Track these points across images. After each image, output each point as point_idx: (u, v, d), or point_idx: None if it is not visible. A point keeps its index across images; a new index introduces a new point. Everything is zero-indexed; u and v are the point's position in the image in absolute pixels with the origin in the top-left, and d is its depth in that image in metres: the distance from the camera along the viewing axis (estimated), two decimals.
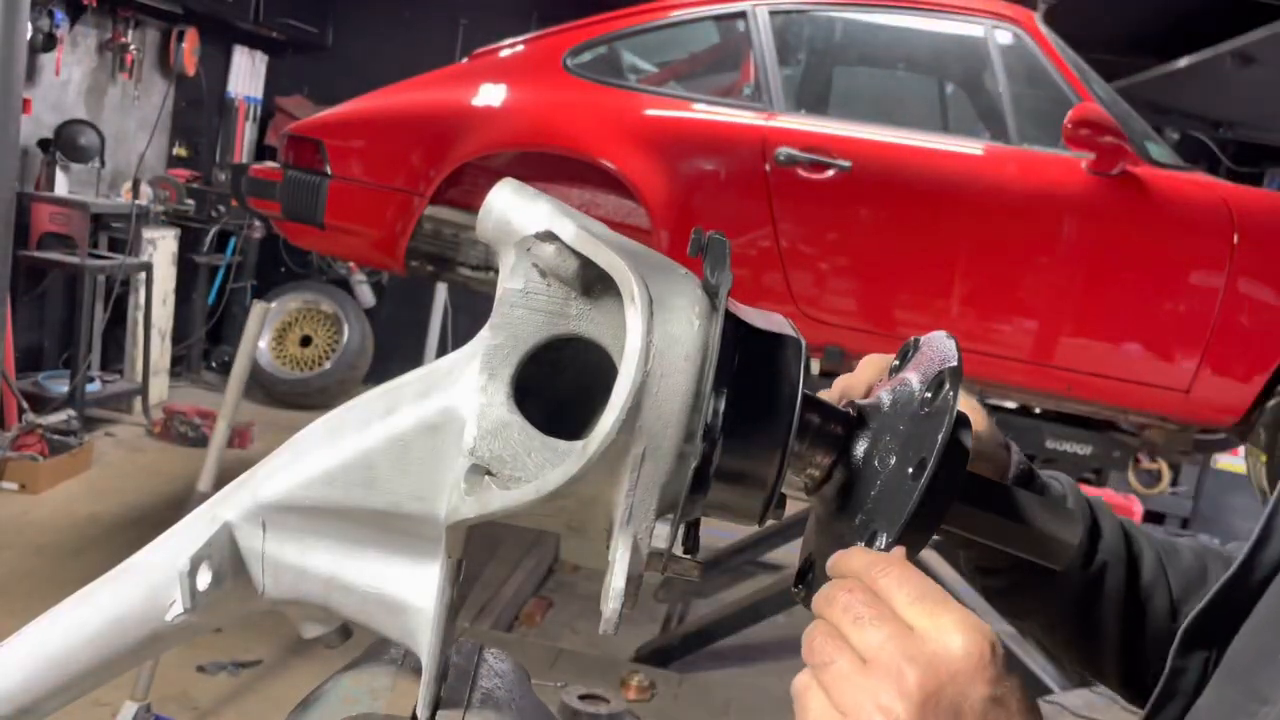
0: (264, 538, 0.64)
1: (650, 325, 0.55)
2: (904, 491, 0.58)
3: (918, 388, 0.64)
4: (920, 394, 0.63)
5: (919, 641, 0.50)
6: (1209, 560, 0.82)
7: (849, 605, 0.52)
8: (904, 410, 0.64)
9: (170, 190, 6.26)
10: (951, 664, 0.49)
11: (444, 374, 0.62)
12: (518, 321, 0.59)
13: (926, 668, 0.49)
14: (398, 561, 0.64)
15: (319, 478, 0.62)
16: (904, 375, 0.67)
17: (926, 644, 0.50)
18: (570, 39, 3.60)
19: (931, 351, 0.66)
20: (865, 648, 0.50)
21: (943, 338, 0.66)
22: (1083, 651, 0.81)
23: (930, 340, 0.67)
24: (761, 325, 0.61)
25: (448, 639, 0.65)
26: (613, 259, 0.57)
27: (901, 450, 0.61)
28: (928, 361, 0.65)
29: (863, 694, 0.49)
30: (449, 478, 0.60)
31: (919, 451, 0.59)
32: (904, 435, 0.62)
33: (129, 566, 0.67)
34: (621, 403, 0.54)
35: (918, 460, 0.59)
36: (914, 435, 0.61)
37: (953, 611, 0.51)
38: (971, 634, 0.50)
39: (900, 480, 0.60)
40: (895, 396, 0.66)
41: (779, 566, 4.60)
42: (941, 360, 0.63)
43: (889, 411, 0.65)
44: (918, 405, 0.62)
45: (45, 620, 0.68)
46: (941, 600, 0.52)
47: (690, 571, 0.61)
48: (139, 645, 0.67)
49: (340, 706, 0.70)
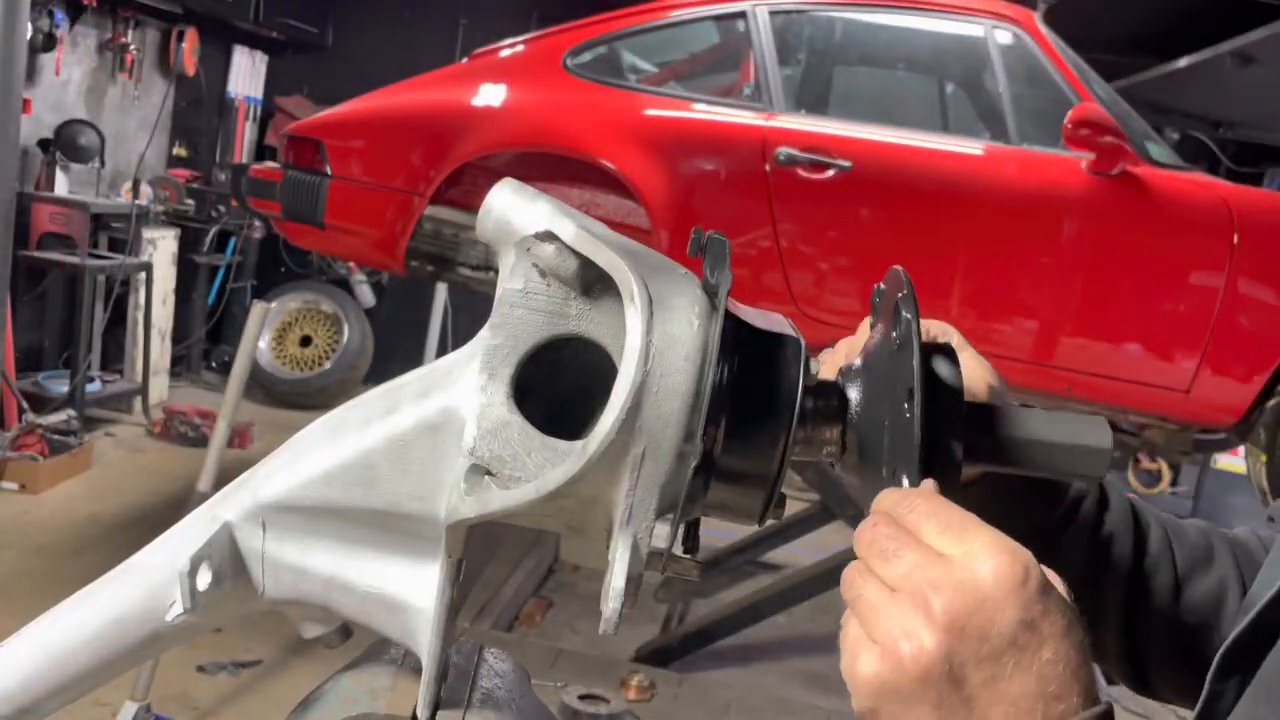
0: (264, 538, 0.64)
1: (650, 325, 0.55)
2: (906, 425, 0.59)
3: (884, 329, 0.65)
4: (889, 332, 0.64)
5: (945, 568, 0.50)
6: (1215, 540, 0.81)
7: (874, 539, 0.53)
8: (882, 353, 0.65)
9: (170, 190, 6.26)
10: (980, 589, 0.49)
11: (444, 374, 0.62)
12: (517, 321, 0.59)
13: (952, 594, 0.49)
14: (398, 561, 0.64)
15: (319, 478, 0.63)
16: (876, 327, 0.68)
17: (953, 570, 0.50)
18: (570, 39, 3.60)
19: (889, 292, 0.67)
20: (891, 578, 0.51)
21: (892, 274, 0.66)
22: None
23: (885, 281, 0.68)
24: (761, 325, 0.61)
25: (448, 639, 0.65)
26: (613, 259, 0.57)
27: (890, 392, 0.62)
28: (889, 303, 0.66)
29: (890, 622, 0.49)
30: (449, 478, 0.60)
31: (904, 384, 0.59)
32: (889, 376, 0.63)
33: (129, 567, 0.67)
34: (621, 403, 0.54)
35: (906, 392, 0.59)
36: (895, 373, 0.62)
37: (983, 535, 0.50)
38: (1002, 557, 0.49)
39: (899, 418, 0.60)
40: (872, 349, 0.67)
41: (779, 566, 4.60)
42: (894, 294, 0.64)
43: (870, 362, 0.66)
44: (890, 343, 0.63)
45: (45, 620, 0.68)
46: (973, 526, 0.51)
47: (690, 571, 0.61)
48: (139, 645, 0.67)
49: (340, 706, 0.70)
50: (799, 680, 3.81)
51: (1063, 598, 0.51)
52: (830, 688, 3.78)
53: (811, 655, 4.03)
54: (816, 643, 4.16)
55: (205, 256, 6.53)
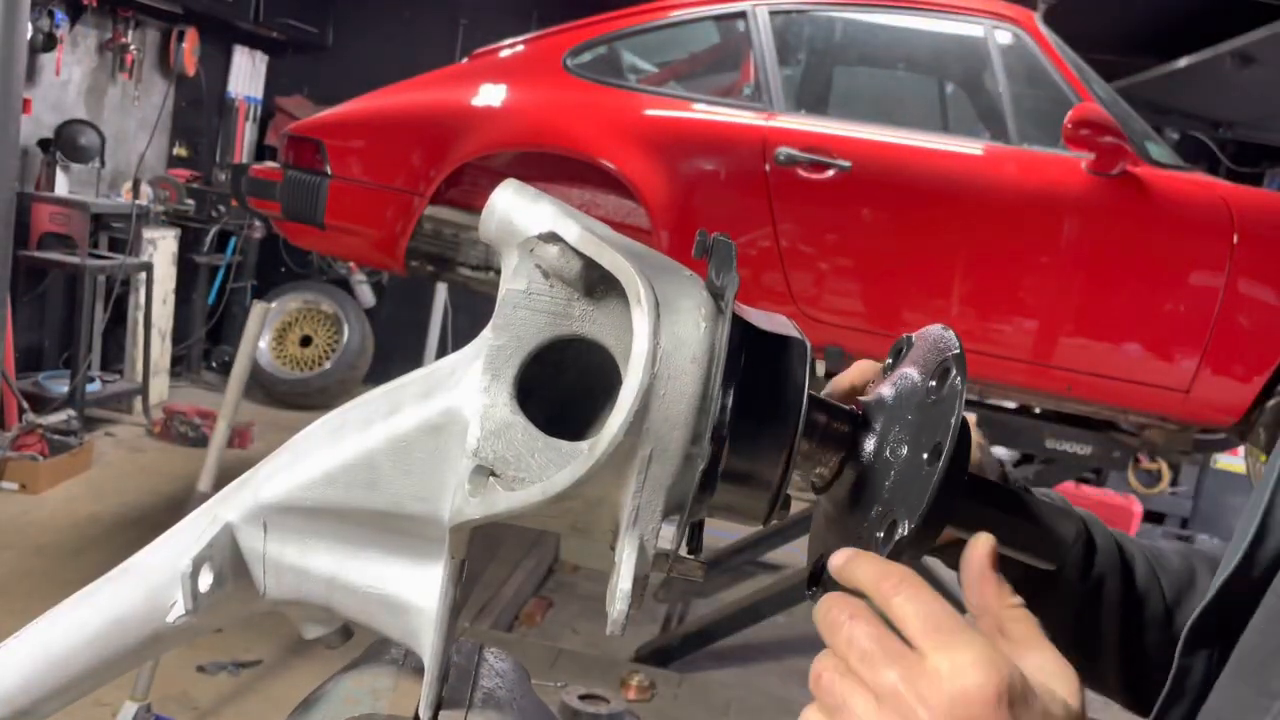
0: (265, 538, 0.64)
1: (657, 328, 0.55)
2: (921, 478, 0.58)
3: (919, 379, 0.64)
4: (924, 384, 0.63)
5: (934, 681, 0.49)
6: (1195, 561, 0.83)
7: (854, 639, 0.52)
8: (909, 401, 0.64)
9: (170, 190, 6.26)
10: (969, 707, 0.48)
11: (446, 374, 0.62)
12: (520, 322, 0.59)
13: (942, 711, 0.48)
14: (399, 562, 0.64)
15: (320, 478, 0.62)
16: (902, 370, 0.67)
17: (942, 684, 0.49)
18: (570, 39, 3.60)
19: (928, 344, 0.66)
20: (878, 685, 0.50)
21: (939, 330, 0.66)
22: (1083, 662, 0.81)
23: (926, 334, 0.68)
24: (766, 327, 0.61)
25: (450, 639, 0.65)
26: (618, 261, 0.56)
27: (913, 440, 0.61)
28: (926, 353, 0.65)
29: None
30: (451, 479, 0.60)
31: (932, 437, 0.59)
32: (913, 425, 0.62)
33: (129, 567, 0.67)
34: (629, 405, 0.54)
35: (932, 445, 0.59)
36: (924, 423, 0.61)
37: (971, 647, 0.50)
38: (989, 673, 0.48)
39: (915, 468, 0.59)
40: (898, 389, 0.66)
41: (779, 566, 4.61)
42: (943, 349, 0.64)
43: (894, 405, 0.65)
44: (924, 394, 0.63)
45: (45, 620, 0.68)
46: (959, 630, 0.50)
47: (694, 572, 0.61)
48: (139, 646, 0.67)
49: (342, 707, 0.70)
50: (799, 680, 3.80)
51: (1045, 707, 0.50)
52: None
53: (811, 655, 4.00)
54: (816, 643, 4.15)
55: (205, 256, 6.53)
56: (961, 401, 0.59)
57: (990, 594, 0.55)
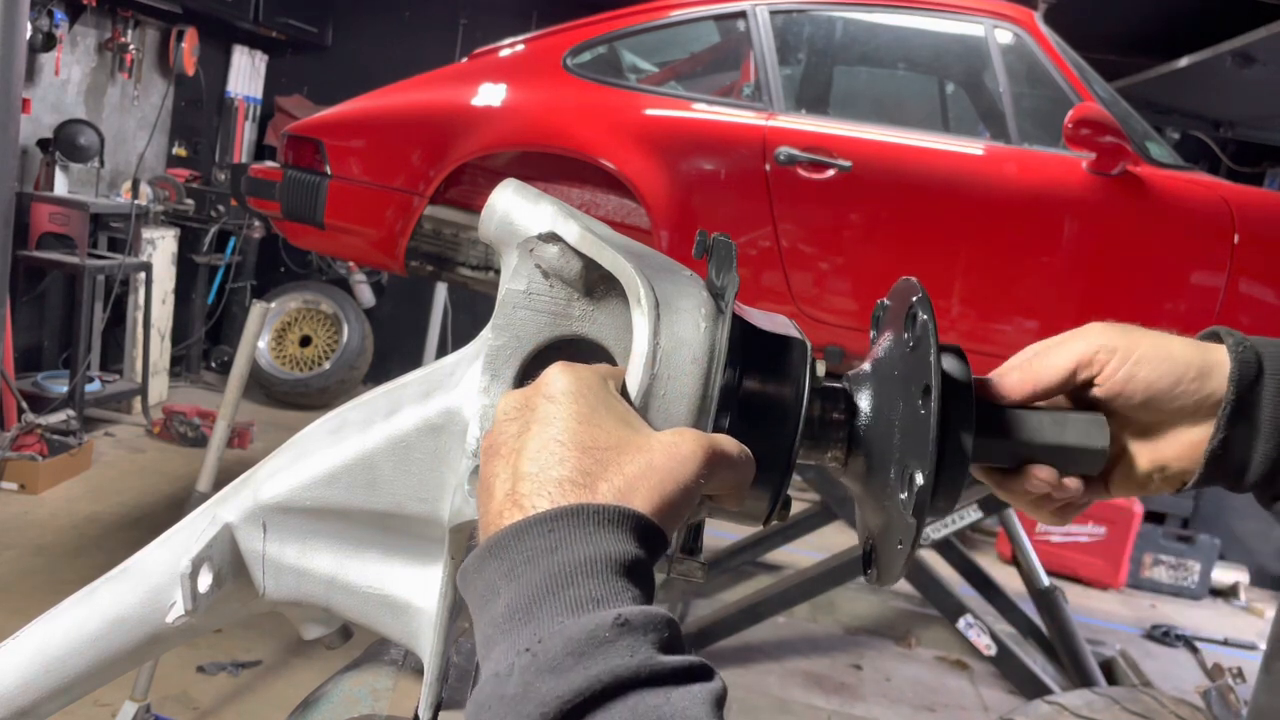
0: (265, 539, 0.64)
1: (658, 328, 0.54)
2: (920, 422, 0.59)
3: (895, 335, 0.65)
4: (900, 336, 0.64)
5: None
6: None
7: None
8: (894, 358, 0.65)
9: (170, 190, 6.26)
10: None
11: (446, 374, 0.62)
12: (520, 322, 0.59)
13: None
14: (399, 562, 0.64)
15: (320, 479, 0.62)
16: (881, 335, 0.68)
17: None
18: (570, 39, 3.60)
19: (898, 300, 0.67)
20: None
21: (903, 282, 0.67)
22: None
23: (895, 292, 0.68)
24: (766, 327, 0.61)
25: (450, 640, 0.65)
26: (618, 261, 0.56)
27: (904, 391, 0.62)
28: (897, 310, 0.66)
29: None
30: (451, 479, 0.60)
31: (920, 381, 0.60)
32: (901, 378, 0.63)
33: (129, 567, 0.67)
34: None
35: (921, 389, 0.59)
36: (910, 373, 0.62)
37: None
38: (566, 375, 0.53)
39: (913, 416, 0.60)
40: (880, 353, 0.67)
41: (779, 566, 4.61)
42: (907, 297, 0.64)
43: (880, 368, 0.66)
44: (903, 346, 0.63)
45: (45, 620, 0.68)
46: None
47: (695, 573, 0.61)
48: (139, 646, 0.67)
49: (342, 707, 0.70)
50: (799, 680, 3.81)
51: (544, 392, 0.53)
52: (830, 688, 3.78)
53: (811, 655, 4.03)
54: (816, 643, 4.16)
55: (205, 256, 6.53)
56: (933, 336, 0.60)
57: None
